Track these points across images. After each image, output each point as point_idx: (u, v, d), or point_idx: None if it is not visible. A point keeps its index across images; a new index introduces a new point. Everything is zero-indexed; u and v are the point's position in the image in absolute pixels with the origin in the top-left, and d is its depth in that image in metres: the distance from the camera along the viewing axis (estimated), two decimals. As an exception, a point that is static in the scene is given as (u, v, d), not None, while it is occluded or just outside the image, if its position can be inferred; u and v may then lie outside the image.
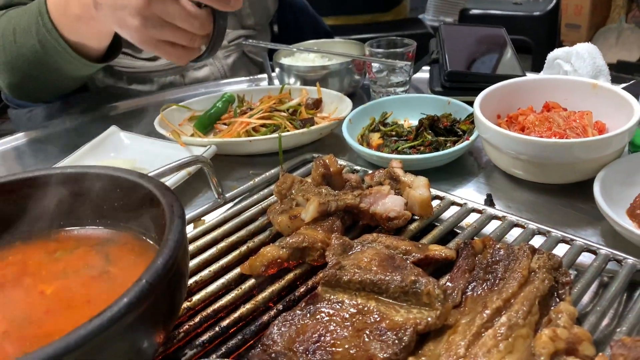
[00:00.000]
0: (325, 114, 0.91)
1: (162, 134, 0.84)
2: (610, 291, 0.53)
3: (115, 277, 0.51)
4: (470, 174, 0.78)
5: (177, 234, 0.44)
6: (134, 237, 0.55)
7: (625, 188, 0.66)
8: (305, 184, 0.68)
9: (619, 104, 0.73)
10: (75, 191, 0.56)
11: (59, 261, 0.53)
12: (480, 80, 0.95)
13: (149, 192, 0.51)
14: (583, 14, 4.32)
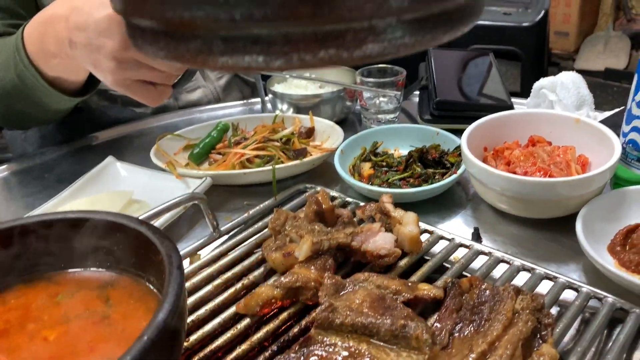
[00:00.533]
0: (318, 142, 0.94)
1: (159, 165, 0.86)
2: (590, 330, 0.56)
3: (116, 322, 0.52)
4: (458, 205, 0.81)
5: (177, 287, 0.46)
6: (133, 281, 0.57)
7: (606, 224, 0.68)
8: (298, 219, 0.70)
9: (600, 138, 0.75)
10: (77, 235, 0.58)
11: (60, 305, 0.55)
12: (469, 109, 0.98)
13: (148, 240, 0.53)
14: (571, 22, 4.38)
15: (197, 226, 0.80)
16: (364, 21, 0.31)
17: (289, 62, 0.34)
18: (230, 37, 0.33)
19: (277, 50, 0.33)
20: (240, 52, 0.33)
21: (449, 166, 0.82)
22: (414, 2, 0.32)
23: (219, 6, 0.31)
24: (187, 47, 0.35)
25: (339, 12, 0.30)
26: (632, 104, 0.71)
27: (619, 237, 0.66)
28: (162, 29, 0.35)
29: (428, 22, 0.34)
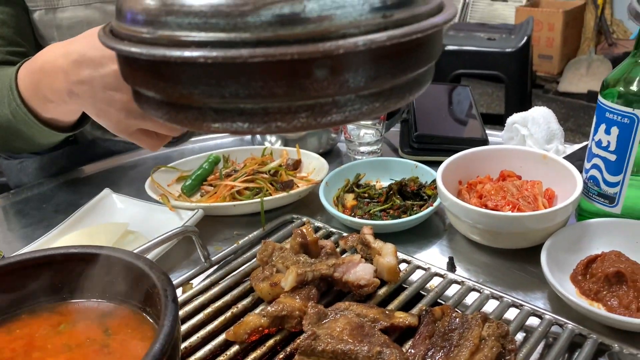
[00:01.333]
0: (304, 174, 0.99)
1: (153, 197, 0.91)
2: (552, 354, 0.61)
3: (115, 351, 0.57)
4: (434, 235, 0.86)
5: (171, 319, 0.51)
6: (130, 311, 0.62)
7: (569, 255, 0.74)
8: (284, 250, 0.75)
9: (565, 174, 0.81)
10: (78, 269, 0.62)
11: (63, 334, 0.59)
12: (446, 143, 1.04)
13: (144, 274, 0.58)
14: (554, 46, 4.51)
15: (188, 256, 0.84)
16: (329, 97, 0.37)
17: (269, 129, 0.39)
18: (221, 109, 0.39)
19: (259, 119, 0.39)
20: (229, 120, 0.39)
21: (426, 198, 0.88)
22: (369, 82, 0.38)
23: (212, 86, 0.36)
24: (185, 115, 0.40)
25: (307, 92, 0.36)
26: (592, 143, 0.77)
27: (580, 267, 0.71)
28: (164, 100, 0.41)
29: (381, 96, 0.40)
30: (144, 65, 0.39)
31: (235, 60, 0.35)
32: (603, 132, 0.74)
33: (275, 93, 0.37)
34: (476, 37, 3.40)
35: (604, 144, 0.75)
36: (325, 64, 0.37)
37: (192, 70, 0.37)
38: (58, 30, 1.06)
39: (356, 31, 0.36)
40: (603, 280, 0.68)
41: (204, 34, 0.36)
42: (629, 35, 4.48)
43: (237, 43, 0.36)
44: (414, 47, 0.40)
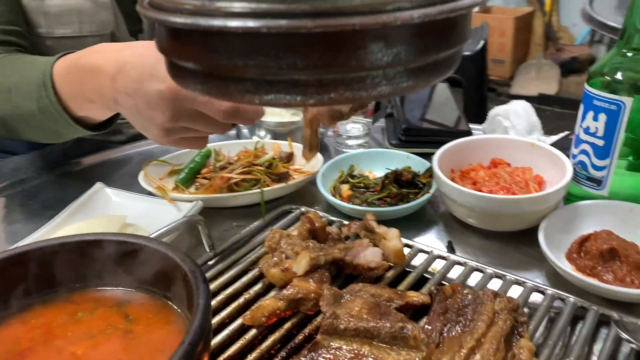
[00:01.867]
0: (297, 167, 1.00)
1: (148, 189, 0.90)
2: (558, 326, 0.64)
3: (140, 335, 0.56)
4: (430, 222, 0.89)
5: (205, 297, 0.51)
6: (148, 297, 0.61)
7: (563, 235, 0.78)
8: (292, 237, 0.75)
9: (553, 160, 0.86)
10: (91, 256, 0.61)
11: (81, 322, 0.58)
12: (433, 135, 1.07)
13: (166, 257, 0.58)
14: (506, 51, 4.67)
15: (191, 248, 0.84)
16: (380, 69, 0.39)
17: (321, 100, 0.41)
18: (275, 81, 0.40)
19: (313, 91, 0.40)
20: (282, 92, 0.40)
21: (421, 186, 0.90)
22: (418, 55, 0.40)
23: (269, 57, 0.37)
24: (237, 87, 0.41)
25: (362, 64, 0.38)
26: (579, 130, 0.82)
27: (574, 246, 0.75)
28: (213, 73, 0.41)
29: (425, 70, 0.42)
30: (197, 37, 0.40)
31: (299, 31, 0.36)
32: (591, 119, 0.79)
33: (331, 64, 0.38)
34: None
35: (592, 130, 0.79)
36: (382, 35, 0.38)
37: (250, 41, 0.38)
38: (46, 18, 1.03)
39: (409, 5, 0.38)
40: (598, 257, 0.72)
41: (264, 5, 0.37)
42: (574, 41, 4.70)
43: (297, 14, 0.37)
44: (456, 24, 0.42)
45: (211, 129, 0.74)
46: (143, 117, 0.72)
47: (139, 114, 0.72)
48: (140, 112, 0.72)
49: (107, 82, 0.74)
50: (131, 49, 0.75)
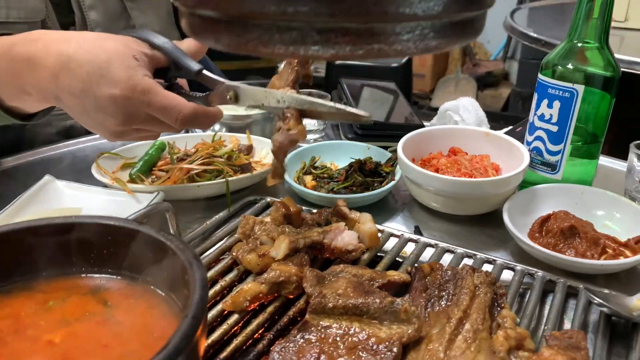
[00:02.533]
0: (257, 159, 0.98)
1: (104, 181, 0.85)
2: (532, 298, 0.67)
3: (123, 320, 0.53)
4: (395, 209, 0.90)
5: (201, 271, 0.49)
6: (127, 283, 0.58)
7: (523, 217, 0.81)
8: (266, 224, 0.74)
9: (508, 148, 0.90)
10: (60, 241, 0.57)
11: (54, 311, 0.54)
12: (388, 129, 1.09)
13: (151, 240, 0.54)
14: (427, 65, 4.86)
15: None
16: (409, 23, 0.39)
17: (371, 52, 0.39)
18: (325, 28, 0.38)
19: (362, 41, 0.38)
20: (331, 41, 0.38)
21: (384, 175, 0.92)
22: (446, 9, 0.40)
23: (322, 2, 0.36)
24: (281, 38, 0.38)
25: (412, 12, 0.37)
26: (534, 118, 0.86)
27: (536, 226, 0.79)
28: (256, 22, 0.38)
29: (448, 29, 0.42)
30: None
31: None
32: (545, 107, 0.83)
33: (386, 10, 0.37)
34: (362, 52, 3.54)
35: (546, 117, 0.84)
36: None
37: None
38: None
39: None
40: (559, 235, 0.76)
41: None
42: (489, 57, 4.97)
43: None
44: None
45: (165, 130, 0.71)
46: (91, 118, 0.68)
47: (86, 114, 0.68)
48: (87, 113, 0.67)
49: (48, 78, 0.67)
50: (76, 42, 0.68)
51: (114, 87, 0.65)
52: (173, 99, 0.67)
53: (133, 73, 0.66)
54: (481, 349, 0.56)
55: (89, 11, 1.12)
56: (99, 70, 0.65)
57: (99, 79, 0.65)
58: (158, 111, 0.67)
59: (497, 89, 4.73)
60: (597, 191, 0.83)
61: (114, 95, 0.65)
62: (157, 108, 0.67)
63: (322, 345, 0.57)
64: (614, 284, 0.72)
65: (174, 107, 0.66)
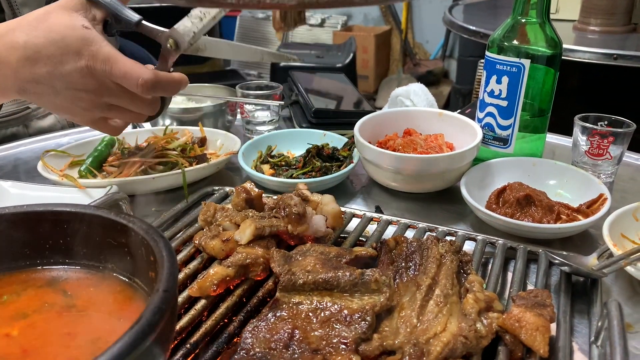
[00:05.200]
0: (212, 151, 0.96)
1: (52, 179, 0.81)
2: (495, 265, 0.68)
3: (85, 308, 0.50)
4: (354, 192, 0.90)
5: (167, 248, 0.47)
6: (84, 272, 0.55)
7: (479, 190, 0.83)
8: (227, 210, 0.72)
9: (461, 126, 0.92)
10: (11, 233, 0.54)
11: (9, 304, 0.51)
12: (340, 116, 1.10)
13: (110, 224, 0.52)
14: (369, 67, 4.93)
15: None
16: None
17: None
18: None
19: None
20: None
21: (342, 159, 0.92)
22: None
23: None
24: None
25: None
26: (484, 95, 0.88)
27: (492, 197, 0.81)
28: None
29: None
30: None
31: None
32: (494, 83, 0.86)
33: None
34: (305, 54, 3.59)
35: (496, 93, 0.86)
36: None
37: None
38: None
39: None
40: (515, 204, 0.78)
41: None
42: (428, 56, 5.09)
43: None
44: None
45: (138, 107, 0.69)
46: (63, 99, 0.66)
47: (56, 98, 0.66)
48: (58, 94, 0.65)
49: (8, 73, 0.65)
50: (21, 29, 0.66)
51: (78, 60, 0.64)
52: (133, 65, 0.66)
53: (89, 42, 0.65)
54: (453, 312, 0.56)
55: (21, 8, 1.07)
56: (58, 50, 0.64)
57: (61, 57, 0.64)
58: (120, 78, 0.65)
59: (437, 87, 4.84)
60: (548, 162, 0.86)
61: (79, 67, 0.64)
62: (118, 75, 0.65)
63: (295, 321, 0.56)
64: (570, 247, 0.75)
65: (133, 73, 0.65)
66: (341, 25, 5.05)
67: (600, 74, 1.82)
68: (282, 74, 3.26)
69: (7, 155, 1.04)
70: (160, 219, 0.78)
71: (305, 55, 3.57)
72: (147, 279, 0.51)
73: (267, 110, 1.09)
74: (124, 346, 0.37)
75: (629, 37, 1.87)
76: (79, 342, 0.46)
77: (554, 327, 0.57)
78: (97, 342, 0.46)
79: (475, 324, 0.55)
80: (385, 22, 5.12)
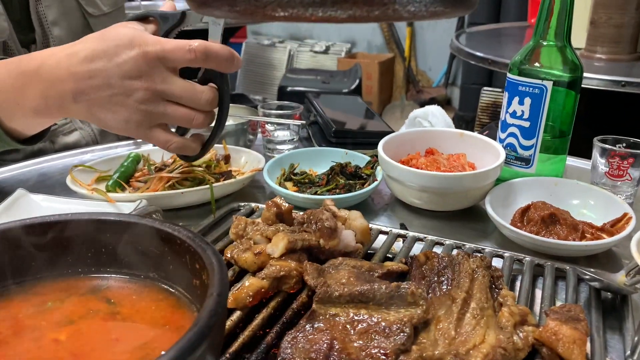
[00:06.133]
0: (236, 168, 0.98)
1: (80, 192, 0.82)
2: (524, 282, 0.69)
3: (130, 315, 0.51)
4: (378, 210, 0.91)
5: (216, 255, 0.48)
6: (126, 280, 0.55)
7: (503, 209, 0.84)
8: (258, 224, 0.73)
9: (483, 146, 0.93)
10: (54, 240, 0.55)
11: (55, 311, 0.51)
12: (361, 136, 1.11)
13: (154, 230, 0.53)
14: (373, 93, 4.99)
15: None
16: None
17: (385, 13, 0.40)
18: None
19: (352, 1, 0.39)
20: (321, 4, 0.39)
21: (365, 177, 0.93)
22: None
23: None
24: None
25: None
26: (506, 116, 0.90)
27: (517, 216, 0.82)
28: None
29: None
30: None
31: None
32: (517, 104, 0.87)
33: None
34: (312, 79, 3.64)
35: (518, 114, 0.88)
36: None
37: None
38: None
39: None
40: (540, 223, 0.79)
41: None
42: (431, 84, 5.16)
43: None
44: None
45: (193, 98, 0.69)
46: (118, 95, 0.67)
47: (112, 94, 0.67)
48: (113, 90, 0.67)
49: (64, 76, 0.67)
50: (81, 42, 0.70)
51: (131, 49, 0.67)
52: (183, 40, 0.69)
53: (140, 34, 0.68)
54: (489, 325, 0.57)
55: (52, 27, 1.10)
56: (112, 43, 0.67)
57: (115, 49, 0.67)
58: (171, 52, 0.67)
59: (441, 114, 4.84)
60: (570, 182, 0.87)
61: (133, 54, 0.67)
62: (170, 49, 0.67)
63: (333, 332, 0.56)
64: (595, 265, 0.75)
65: (184, 43, 0.67)
66: (345, 52, 5.12)
67: (608, 100, 1.85)
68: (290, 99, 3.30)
69: (32, 170, 1.05)
70: (189, 233, 0.79)
71: (311, 80, 3.62)
72: (190, 287, 0.52)
73: (287, 130, 1.11)
74: (183, 348, 0.37)
75: (635, 64, 1.91)
76: (126, 348, 0.47)
77: (587, 342, 0.58)
78: (144, 347, 0.47)
79: (512, 337, 0.55)
80: (389, 49, 5.19)
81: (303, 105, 1.32)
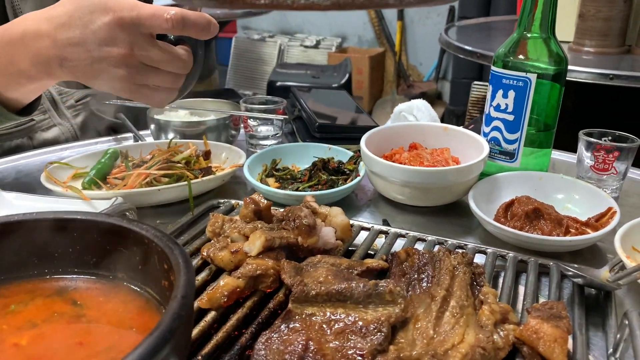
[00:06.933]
0: (216, 164, 0.96)
1: (55, 190, 0.80)
2: (507, 278, 0.67)
3: (96, 318, 0.49)
4: (361, 205, 0.90)
5: (183, 255, 0.46)
6: (95, 280, 0.54)
7: (487, 204, 0.83)
8: (235, 221, 0.71)
9: (467, 141, 0.92)
10: (18, 241, 0.53)
11: (18, 314, 0.49)
12: (345, 131, 1.10)
13: (116, 230, 0.51)
14: (364, 88, 4.97)
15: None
16: None
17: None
18: None
19: None
20: None
21: (348, 173, 0.91)
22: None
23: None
24: None
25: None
26: (490, 109, 0.89)
27: (500, 211, 0.80)
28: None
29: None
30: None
31: None
32: (501, 97, 0.86)
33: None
34: (302, 74, 3.61)
35: (502, 107, 0.86)
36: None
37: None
38: None
39: None
40: (524, 218, 0.78)
41: None
42: (422, 78, 5.14)
43: None
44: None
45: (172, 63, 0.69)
46: (98, 61, 0.66)
47: (93, 61, 0.66)
48: (93, 57, 0.66)
49: (46, 43, 0.67)
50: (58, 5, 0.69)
51: (106, 14, 0.66)
52: (159, 6, 0.67)
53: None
54: (469, 323, 0.55)
55: (22, 5, 1.07)
56: (87, 9, 0.66)
57: (91, 16, 0.66)
58: (148, 18, 0.66)
59: (432, 109, 4.84)
60: (555, 176, 0.86)
61: (108, 21, 0.66)
62: (146, 16, 0.66)
63: (309, 332, 0.55)
64: (579, 261, 0.74)
65: (161, 9, 0.66)
66: (336, 47, 5.09)
67: (595, 93, 1.84)
68: (279, 94, 3.27)
69: (9, 168, 1.02)
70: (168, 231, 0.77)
71: (301, 75, 3.60)
72: (159, 287, 0.50)
73: (270, 125, 1.09)
74: (144, 352, 0.35)
75: (624, 58, 1.90)
76: (89, 352, 0.45)
77: (570, 340, 0.57)
78: (109, 351, 0.45)
79: (493, 336, 0.54)
80: (380, 44, 5.17)
81: (288, 99, 1.31)
